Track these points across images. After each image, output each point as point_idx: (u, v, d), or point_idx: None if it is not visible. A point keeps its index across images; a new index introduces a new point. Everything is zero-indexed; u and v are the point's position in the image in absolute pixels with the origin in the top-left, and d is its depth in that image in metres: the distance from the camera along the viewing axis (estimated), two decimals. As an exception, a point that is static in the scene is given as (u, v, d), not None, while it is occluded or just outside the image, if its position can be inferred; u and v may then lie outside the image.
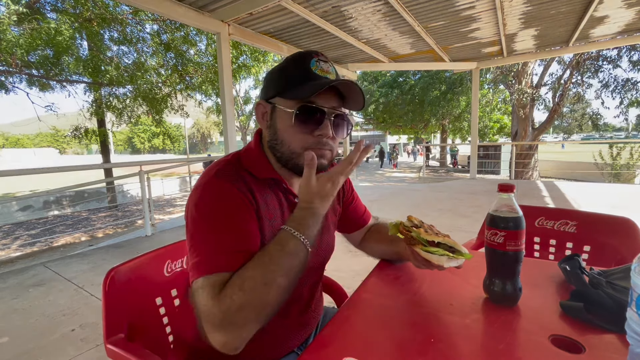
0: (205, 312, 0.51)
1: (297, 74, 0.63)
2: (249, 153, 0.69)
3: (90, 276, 2.54)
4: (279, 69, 0.66)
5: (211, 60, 8.41)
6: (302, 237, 0.56)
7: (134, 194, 11.35)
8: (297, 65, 0.63)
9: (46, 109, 8.07)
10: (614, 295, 0.59)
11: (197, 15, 3.46)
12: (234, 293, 0.51)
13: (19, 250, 6.58)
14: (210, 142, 50.04)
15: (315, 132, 0.63)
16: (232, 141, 3.94)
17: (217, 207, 0.58)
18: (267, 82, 0.67)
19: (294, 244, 0.56)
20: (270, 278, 0.52)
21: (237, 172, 0.63)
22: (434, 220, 3.84)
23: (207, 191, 0.60)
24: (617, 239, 1.08)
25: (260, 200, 0.64)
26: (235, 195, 0.60)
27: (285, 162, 0.66)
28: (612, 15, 4.37)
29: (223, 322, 0.50)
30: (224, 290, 0.52)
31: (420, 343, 0.56)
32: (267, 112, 0.66)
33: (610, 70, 10.39)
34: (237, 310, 0.50)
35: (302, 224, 0.58)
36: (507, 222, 0.64)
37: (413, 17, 4.09)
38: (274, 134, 0.66)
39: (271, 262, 0.54)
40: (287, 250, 0.55)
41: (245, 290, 0.51)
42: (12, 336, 1.77)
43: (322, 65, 0.63)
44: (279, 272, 0.53)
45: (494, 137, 19.29)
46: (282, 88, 0.64)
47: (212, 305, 0.51)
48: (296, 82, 0.62)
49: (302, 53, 0.65)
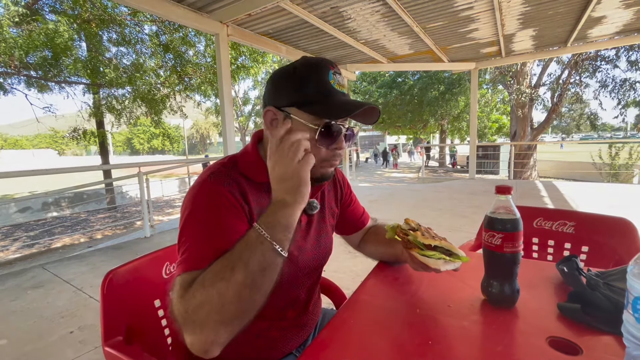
0: (172, 310, 0.51)
1: (315, 87, 0.61)
2: (245, 157, 0.69)
3: (89, 278, 2.54)
4: (294, 77, 0.62)
5: (210, 61, 8.41)
6: (268, 236, 0.53)
7: (133, 195, 11.33)
8: (314, 77, 0.61)
9: (45, 110, 8.06)
10: (611, 297, 0.60)
11: (196, 16, 3.46)
12: (197, 290, 0.50)
13: (17, 252, 6.56)
14: (209, 143, 50.01)
15: (331, 146, 0.63)
16: (231, 142, 3.94)
17: (204, 209, 0.59)
18: (278, 88, 0.64)
19: (257, 239, 0.53)
20: (229, 274, 0.50)
21: (230, 175, 0.63)
22: (433, 220, 3.84)
23: (198, 193, 0.60)
24: (615, 239, 1.09)
25: (254, 204, 0.64)
26: (226, 198, 0.60)
27: None
28: (610, 16, 4.38)
29: (185, 321, 0.49)
30: (190, 288, 0.51)
31: (418, 345, 0.56)
32: (279, 119, 0.63)
33: (608, 70, 10.43)
34: (196, 308, 0.49)
35: (267, 218, 0.55)
36: (505, 224, 0.64)
37: (412, 17, 4.10)
38: None
39: (230, 257, 0.52)
40: (250, 245, 0.53)
41: (205, 286, 0.50)
42: (11, 338, 1.77)
43: (339, 79, 0.63)
44: (236, 266, 0.50)
45: (492, 137, 19.33)
46: (300, 100, 0.61)
47: (177, 303, 0.51)
48: (316, 96, 0.60)
49: (317, 63, 0.62)
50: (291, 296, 0.76)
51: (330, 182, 0.84)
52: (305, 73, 0.61)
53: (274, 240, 0.53)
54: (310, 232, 0.76)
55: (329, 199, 0.82)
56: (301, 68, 0.62)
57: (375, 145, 29.72)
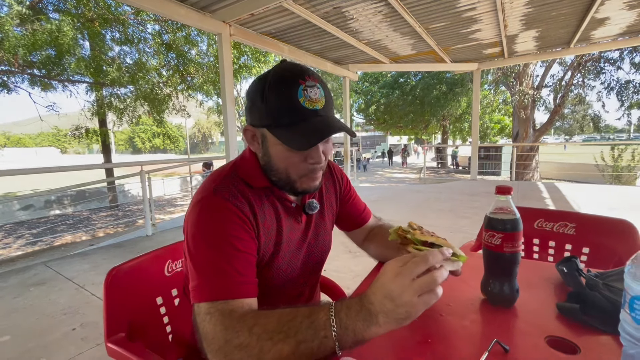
0: (210, 336, 0.52)
1: (284, 109, 0.59)
2: (244, 162, 0.69)
3: (91, 275, 2.55)
4: (264, 95, 0.60)
5: (212, 60, 8.43)
6: (336, 334, 0.48)
7: (135, 194, 11.37)
8: (283, 97, 0.59)
9: (48, 109, 8.10)
10: (610, 297, 0.60)
11: (199, 16, 3.47)
12: (242, 331, 0.51)
13: (20, 249, 6.60)
14: (211, 142, 50.09)
15: (309, 160, 0.63)
16: (233, 141, 3.96)
17: (215, 227, 0.59)
18: (252, 107, 0.63)
19: (323, 328, 0.48)
20: (278, 338, 0.49)
21: (235, 186, 0.64)
22: (434, 221, 3.84)
23: (205, 209, 0.60)
24: (616, 240, 1.09)
25: (258, 212, 0.65)
26: (234, 213, 0.60)
27: (282, 185, 0.67)
28: (613, 17, 4.36)
29: (222, 350, 0.51)
30: (236, 322, 0.52)
31: (418, 343, 0.57)
32: (257, 136, 0.65)
33: (611, 72, 10.38)
34: (237, 347, 0.50)
35: (347, 319, 0.48)
36: (505, 224, 0.65)
37: (414, 18, 4.10)
38: (268, 161, 0.65)
39: (289, 324, 0.50)
40: (312, 328, 0.49)
41: (252, 334, 0.50)
42: (14, 335, 1.78)
43: (310, 94, 0.59)
44: (289, 338, 0.49)
45: (494, 139, 19.29)
46: (270, 122, 0.61)
47: (219, 331, 0.52)
48: (284, 119, 0.59)
49: (284, 77, 0.60)
50: (292, 294, 0.77)
51: (329, 179, 0.85)
52: (274, 91, 0.59)
53: (338, 342, 0.48)
54: (309, 231, 0.77)
55: (328, 197, 0.83)
56: (271, 84, 0.60)
57: (380, 143, 29.82)
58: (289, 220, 0.72)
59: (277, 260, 0.69)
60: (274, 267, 0.69)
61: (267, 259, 0.68)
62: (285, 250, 0.70)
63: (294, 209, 0.73)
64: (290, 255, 0.72)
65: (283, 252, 0.70)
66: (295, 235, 0.73)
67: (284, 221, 0.70)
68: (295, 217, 0.73)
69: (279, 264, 0.69)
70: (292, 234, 0.72)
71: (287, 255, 0.71)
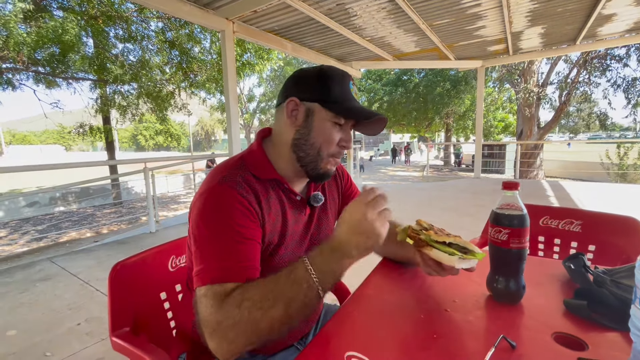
0: (204, 319, 0.53)
1: (339, 90, 0.67)
2: (252, 155, 0.70)
3: (96, 271, 2.57)
4: (321, 77, 0.67)
5: (215, 58, 8.42)
6: (315, 277, 0.54)
7: (139, 191, 11.43)
8: (339, 82, 0.67)
9: (52, 106, 8.14)
10: (618, 294, 0.59)
11: (202, 13, 3.46)
12: (232, 309, 0.52)
13: (26, 245, 6.66)
14: (214, 140, 50.18)
15: (341, 142, 0.69)
16: (236, 139, 3.96)
17: (221, 215, 0.59)
18: (303, 84, 0.68)
19: (304, 279, 0.54)
20: (267, 305, 0.52)
21: (242, 177, 0.64)
22: (438, 219, 3.83)
23: (211, 198, 0.61)
24: (622, 238, 1.08)
25: (264, 202, 0.66)
26: (239, 202, 0.61)
27: (307, 162, 0.68)
28: (620, 13, 4.31)
29: (216, 333, 0.52)
30: (226, 302, 0.53)
31: (423, 339, 0.56)
32: (299, 111, 0.67)
33: (618, 69, 10.25)
34: (229, 326, 0.51)
35: (323, 263, 0.55)
36: (512, 219, 0.64)
37: (418, 15, 4.07)
38: (306, 134, 0.67)
39: (274, 289, 0.53)
40: (295, 283, 0.54)
41: (242, 309, 0.52)
42: (20, 329, 1.80)
43: (355, 90, 0.70)
44: (277, 301, 0.52)
45: (498, 137, 19.17)
46: (325, 97, 0.66)
47: (210, 313, 0.53)
48: (339, 97, 0.66)
49: (342, 72, 0.69)
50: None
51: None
52: (329, 76, 0.67)
53: (321, 286, 0.54)
54: (312, 224, 0.78)
55: (330, 191, 0.84)
56: (328, 72, 0.67)
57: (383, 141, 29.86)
58: (294, 212, 0.73)
59: (280, 251, 0.70)
60: (277, 257, 0.70)
61: (271, 250, 0.69)
62: (289, 241, 0.71)
63: (299, 202, 0.74)
64: (293, 247, 0.73)
65: (287, 243, 0.71)
66: (299, 227, 0.75)
67: (289, 213, 0.71)
68: (299, 209, 0.74)
69: (282, 254, 0.70)
70: (296, 226, 0.74)
71: (290, 246, 0.72)
